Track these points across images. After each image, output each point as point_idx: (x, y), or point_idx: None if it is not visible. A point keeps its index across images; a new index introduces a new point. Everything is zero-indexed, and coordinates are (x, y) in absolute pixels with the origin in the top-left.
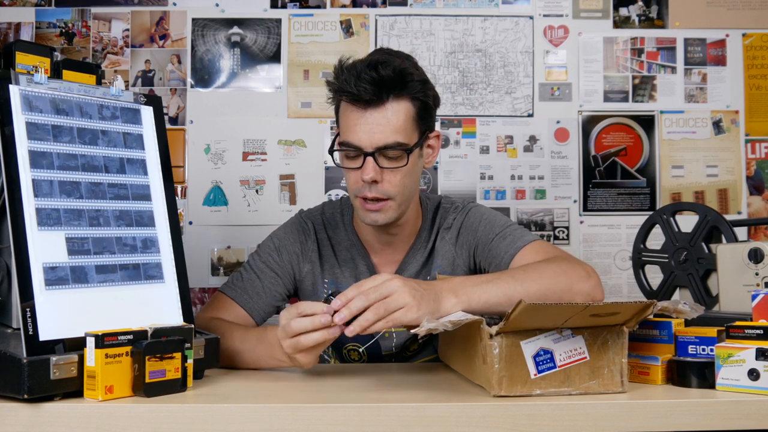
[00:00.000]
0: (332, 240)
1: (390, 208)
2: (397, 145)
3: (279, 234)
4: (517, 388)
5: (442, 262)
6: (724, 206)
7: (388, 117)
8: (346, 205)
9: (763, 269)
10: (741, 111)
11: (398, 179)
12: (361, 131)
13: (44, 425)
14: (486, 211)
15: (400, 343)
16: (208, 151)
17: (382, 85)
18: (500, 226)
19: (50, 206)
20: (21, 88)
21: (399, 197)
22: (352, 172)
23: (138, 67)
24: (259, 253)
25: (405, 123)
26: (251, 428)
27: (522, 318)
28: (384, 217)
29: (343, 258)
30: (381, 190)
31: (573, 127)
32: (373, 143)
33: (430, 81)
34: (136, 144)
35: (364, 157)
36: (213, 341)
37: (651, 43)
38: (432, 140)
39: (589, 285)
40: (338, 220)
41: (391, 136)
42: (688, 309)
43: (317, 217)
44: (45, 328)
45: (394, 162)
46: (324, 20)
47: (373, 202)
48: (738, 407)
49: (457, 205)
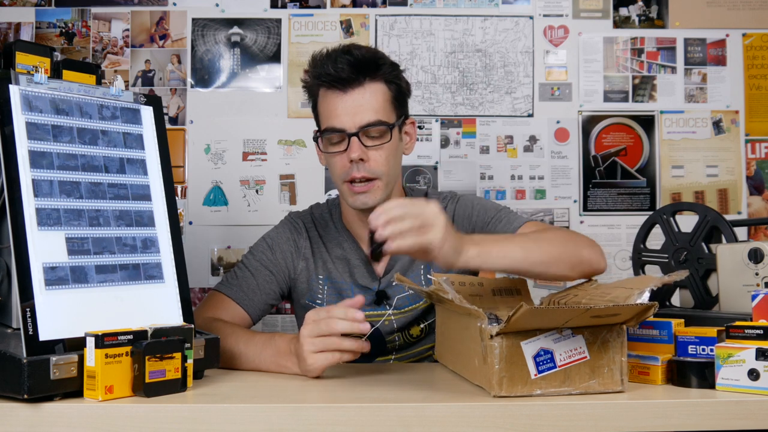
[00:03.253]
0: (323, 238)
1: (378, 188)
2: (379, 123)
3: (271, 234)
4: (517, 389)
5: None
6: (724, 206)
7: (367, 97)
8: (333, 204)
9: (763, 269)
10: (741, 111)
11: (383, 157)
12: (342, 113)
13: (44, 425)
14: (475, 198)
15: (401, 325)
16: (208, 151)
17: (359, 66)
18: (493, 210)
19: (50, 206)
20: (21, 88)
21: (385, 177)
22: (337, 156)
23: (138, 67)
24: (253, 252)
25: (383, 104)
26: (251, 428)
27: (523, 320)
28: (373, 198)
29: (336, 254)
30: (368, 169)
31: (573, 127)
32: (356, 123)
33: (399, 67)
34: (136, 144)
35: (349, 139)
36: (213, 341)
37: (651, 43)
38: (408, 126)
39: (593, 252)
40: (327, 219)
41: (372, 115)
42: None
43: (307, 217)
44: (45, 328)
45: (378, 140)
46: (324, 20)
47: (361, 184)
48: (738, 407)
49: (445, 195)
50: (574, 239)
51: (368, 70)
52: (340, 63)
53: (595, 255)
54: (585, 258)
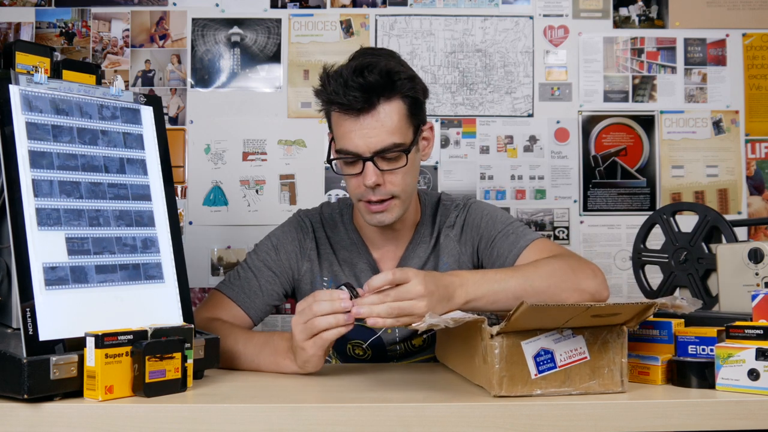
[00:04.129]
0: (331, 239)
1: (395, 206)
2: (394, 146)
3: (277, 233)
4: (517, 388)
5: (449, 259)
6: (724, 206)
7: (382, 120)
8: (345, 204)
9: (763, 269)
10: (741, 111)
11: (399, 179)
12: (356, 138)
13: (44, 425)
14: (486, 207)
15: (403, 336)
16: (208, 151)
17: (371, 90)
18: (502, 222)
19: (50, 206)
20: (21, 88)
21: (403, 195)
22: (352, 177)
23: (138, 67)
24: (257, 252)
25: (399, 123)
26: (251, 428)
27: (523, 319)
28: (390, 216)
29: (343, 257)
30: (384, 192)
31: (573, 127)
32: (370, 148)
33: (416, 75)
34: (136, 144)
35: (363, 163)
36: (213, 341)
37: (651, 43)
38: (426, 132)
39: (595, 283)
40: (337, 220)
41: (387, 139)
42: (686, 303)
43: (315, 216)
44: (45, 328)
45: (393, 163)
46: (324, 20)
47: (377, 204)
48: (738, 407)
49: (457, 203)
50: (576, 270)
51: (383, 92)
52: (352, 90)
53: (595, 285)
54: (584, 289)
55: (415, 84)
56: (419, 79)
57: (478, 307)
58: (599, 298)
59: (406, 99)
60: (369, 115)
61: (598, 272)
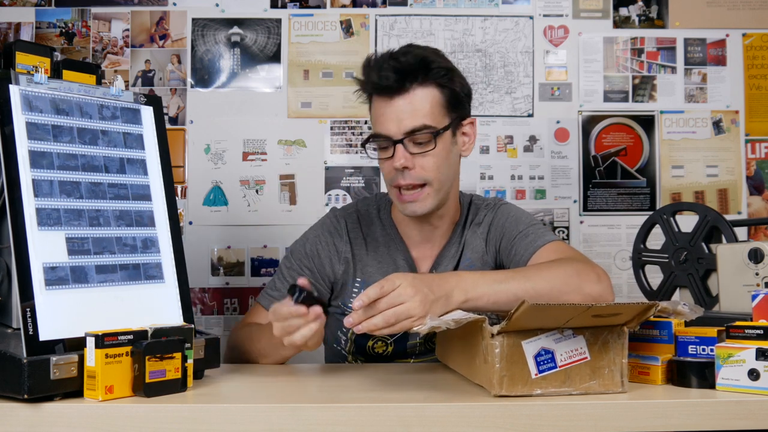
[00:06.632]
0: (367, 237)
1: (427, 195)
2: (424, 128)
3: (311, 238)
4: (517, 388)
5: (472, 255)
6: (724, 206)
7: (414, 103)
8: (382, 200)
9: (763, 269)
10: (741, 111)
11: (431, 164)
12: (387, 120)
13: (44, 425)
14: (513, 209)
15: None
16: (208, 151)
17: (404, 73)
18: (524, 224)
19: (50, 206)
20: (21, 88)
21: (435, 182)
22: (385, 162)
23: (138, 67)
24: (291, 258)
25: (432, 108)
26: (251, 428)
27: (524, 318)
28: (422, 206)
29: (381, 254)
30: (414, 176)
31: (573, 127)
32: (401, 129)
33: (458, 71)
34: (136, 144)
35: (394, 145)
36: (213, 341)
37: (651, 43)
38: (467, 127)
39: (599, 287)
40: (374, 216)
41: (417, 120)
42: (688, 310)
43: (351, 215)
44: (45, 328)
45: (424, 146)
46: (324, 20)
47: (409, 192)
48: (738, 407)
49: (488, 203)
50: (580, 274)
51: (416, 76)
52: (385, 70)
53: (599, 290)
54: (587, 293)
55: (452, 76)
56: (460, 74)
57: (478, 307)
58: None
59: (442, 88)
60: (401, 97)
61: (603, 277)
